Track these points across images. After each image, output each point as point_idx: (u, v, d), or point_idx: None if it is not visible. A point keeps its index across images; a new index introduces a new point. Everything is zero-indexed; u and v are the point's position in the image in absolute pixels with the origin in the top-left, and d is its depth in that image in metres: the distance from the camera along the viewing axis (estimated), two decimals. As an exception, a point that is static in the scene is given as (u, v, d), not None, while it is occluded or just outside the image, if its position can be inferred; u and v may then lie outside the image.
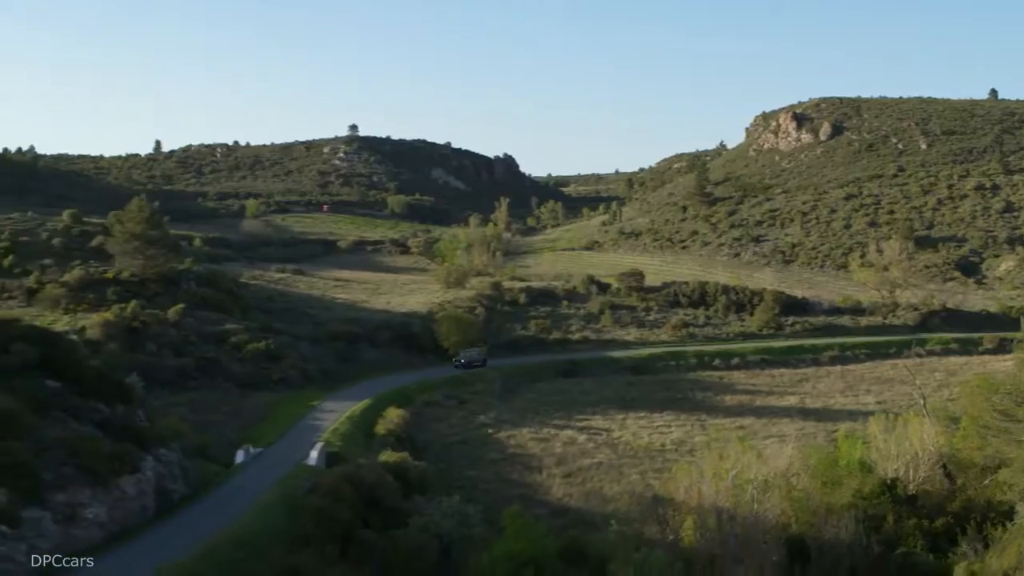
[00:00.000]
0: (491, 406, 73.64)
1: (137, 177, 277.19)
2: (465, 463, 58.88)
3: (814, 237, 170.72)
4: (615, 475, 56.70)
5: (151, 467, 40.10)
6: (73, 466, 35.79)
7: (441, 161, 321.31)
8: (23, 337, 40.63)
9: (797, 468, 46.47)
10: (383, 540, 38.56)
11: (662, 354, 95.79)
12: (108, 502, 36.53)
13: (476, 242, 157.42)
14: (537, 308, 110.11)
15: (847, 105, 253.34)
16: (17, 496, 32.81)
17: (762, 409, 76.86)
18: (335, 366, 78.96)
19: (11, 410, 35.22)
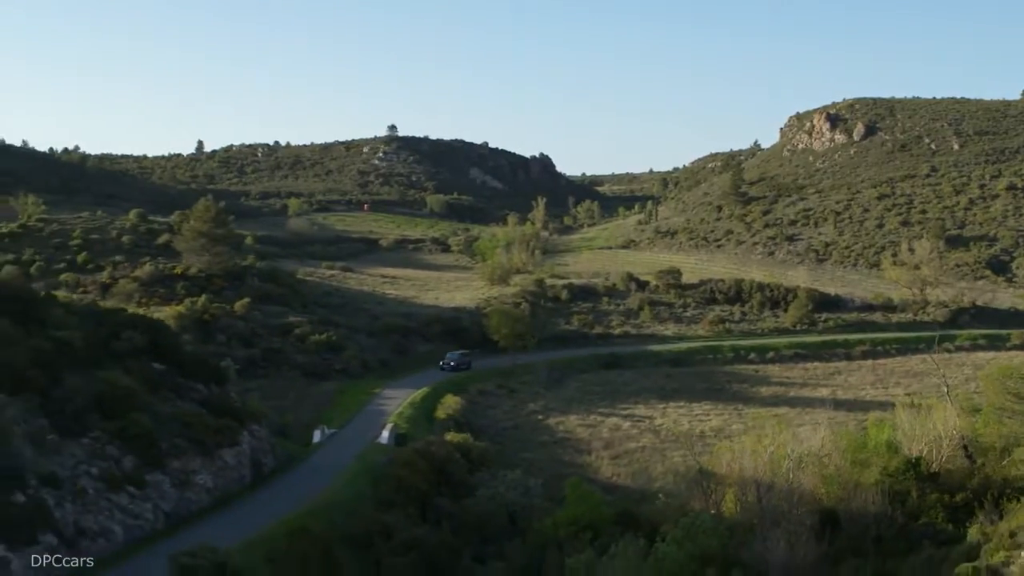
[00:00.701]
0: (539, 395, 78.20)
1: (180, 177, 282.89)
2: (519, 446, 63.44)
3: (847, 236, 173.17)
4: (659, 457, 61.04)
5: (247, 441, 45.05)
6: (184, 438, 40.82)
7: (478, 161, 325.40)
8: (131, 325, 45.55)
9: (829, 449, 50.48)
10: (456, 507, 43.21)
11: (699, 348, 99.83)
12: (213, 470, 41.53)
13: (516, 241, 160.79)
14: (578, 304, 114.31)
15: (881, 106, 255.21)
16: (142, 462, 37.86)
17: (796, 400, 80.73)
18: (391, 357, 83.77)
19: (131, 387, 40.17)
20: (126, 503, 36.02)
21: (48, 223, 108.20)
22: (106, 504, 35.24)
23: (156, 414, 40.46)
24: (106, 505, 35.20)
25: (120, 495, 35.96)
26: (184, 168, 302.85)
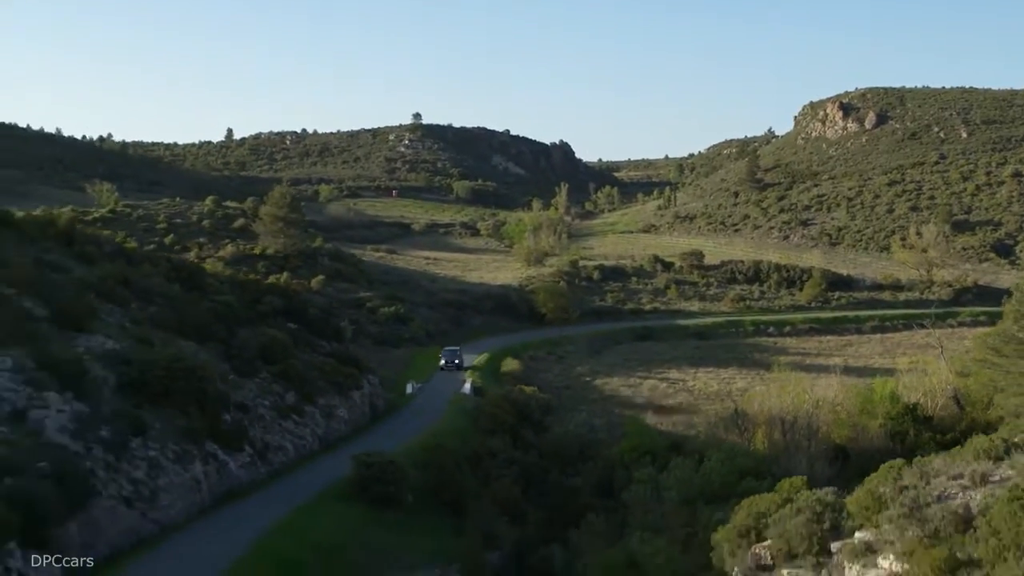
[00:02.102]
0: (584, 361, 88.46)
1: (212, 164, 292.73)
2: (573, 401, 73.57)
3: (859, 221, 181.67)
4: (694, 410, 71.06)
5: (366, 386, 55.42)
6: (325, 381, 51.12)
7: (500, 148, 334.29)
8: (269, 291, 55.98)
9: (841, 399, 60.81)
10: (537, 439, 53.60)
11: (723, 323, 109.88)
12: (347, 407, 51.99)
13: (543, 225, 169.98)
14: (609, 283, 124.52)
15: (892, 95, 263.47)
16: (299, 397, 48.25)
17: (811, 367, 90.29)
18: (450, 328, 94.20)
19: (284, 340, 50.48)
20: (292, 428, 46.43)
21: (134, 208, 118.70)
22: (279, 427, 45.60)
23: (302, 361, 50.85)
24: (279, 428, 45.56)
25: (287, 422, 46.34)
26: (215, 155, 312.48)
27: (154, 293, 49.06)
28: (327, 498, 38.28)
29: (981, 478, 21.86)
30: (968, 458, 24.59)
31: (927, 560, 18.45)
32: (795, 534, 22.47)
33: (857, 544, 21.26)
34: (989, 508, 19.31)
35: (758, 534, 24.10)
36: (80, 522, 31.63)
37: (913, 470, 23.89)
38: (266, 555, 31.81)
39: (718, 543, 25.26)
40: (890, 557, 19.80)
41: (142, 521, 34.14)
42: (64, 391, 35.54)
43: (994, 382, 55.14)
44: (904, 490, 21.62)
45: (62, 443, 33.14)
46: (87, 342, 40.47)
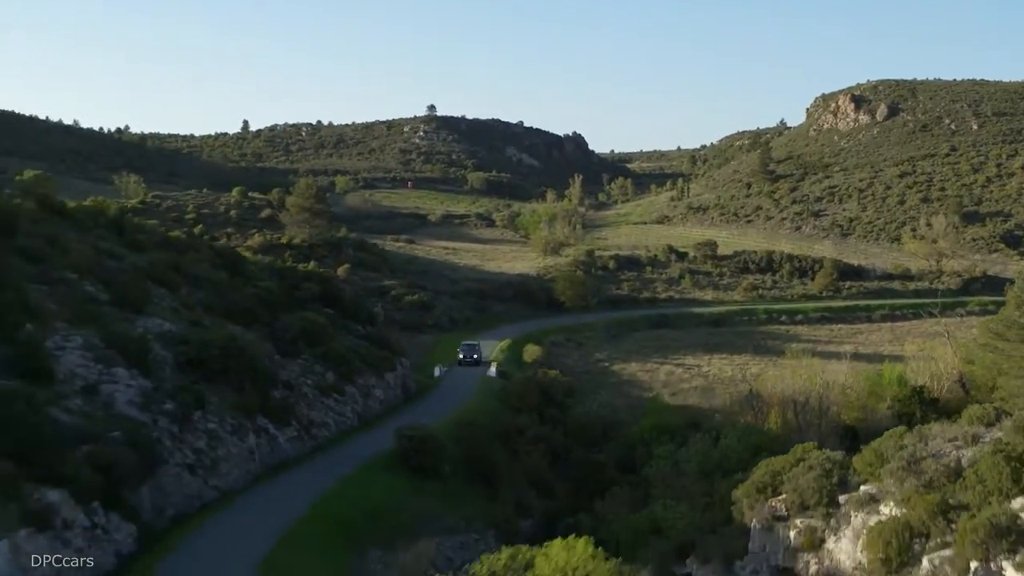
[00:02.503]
0: (602, 347, 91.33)
1: (229, 155, 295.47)
2: (593, 385, 76.46)
3: (870, 212, 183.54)
4: (709, 394, 73.80)
5: (399, 368, 58.43)
6: (362, 362, 54.11)
7: (514, 139, 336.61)
8: (307, 278, 58.94)
9: (851, 382, 63.60)
10: (561, 418, 56.56)
11: (736, 311, 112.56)
12: (382, 386, 55.03)
13: (558, 216, 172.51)
14: (625, 273, 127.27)
15: (903, 87, 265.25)
16: (339, 378, 51.23)
17: (822, 353, 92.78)
18: (472, 315, 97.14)
19: (324, 323, 53.47)
20: (333, 405, 49.47)
21: (163, 199, 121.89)
22: (321, 405, 48.64)
23: (340, 344, 53.85)
24: (321, 406, 48.61)
25: (329, 400, 49.39)
26: (232, 147, 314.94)
27: (201, 279, 52.17)
28: (372, 468, 41.33)
29: (972, 438, 24.64)
30: (963, 424, 27.37)
31: (922, 505, 21.27)
32: (807, 488, 25.31)
33: (862, 495, 24.09)
34: (977, 461, 22.12)
35: (774, 490, 26.94)
36: (151, 487, 34.74)
37: (913, 434, 26.64)
38: (322, 516, 34.84)
39: (738, 499, 28.10)
40: (890, 504, 22.63)
41: (204, 487, 37.25)
42: (130, 368, 38.57)
43: (997, 365, 57.76)
44: (903, 448, 24.42)
45: (131, 415, 36.27)
46: (145, 323, 43.54)
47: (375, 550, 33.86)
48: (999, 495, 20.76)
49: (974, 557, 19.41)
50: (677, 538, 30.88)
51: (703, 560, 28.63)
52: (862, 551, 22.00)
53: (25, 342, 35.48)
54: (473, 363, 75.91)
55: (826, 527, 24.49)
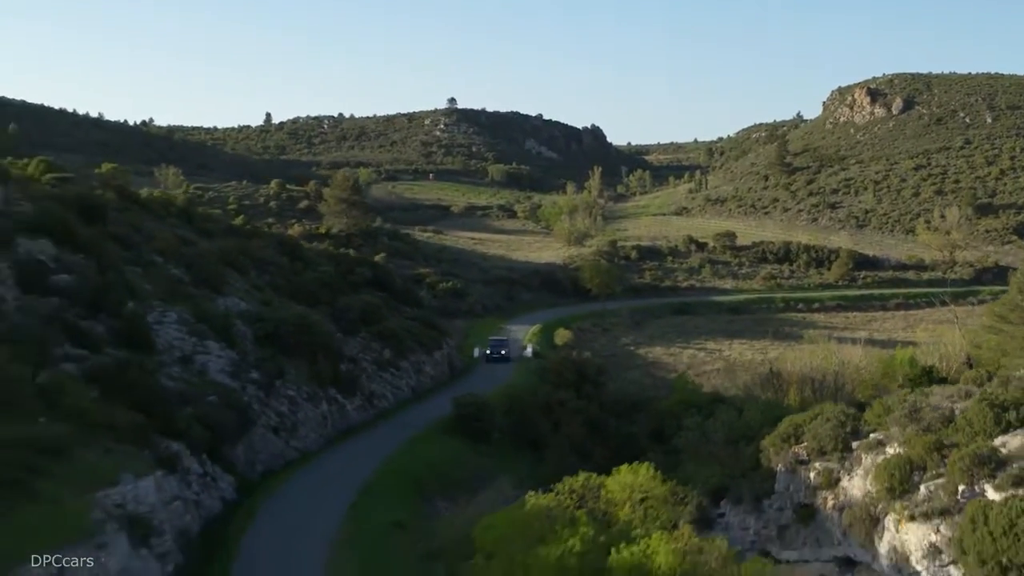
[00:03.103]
0: (627, 332, 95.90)
1: (252, 148, 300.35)
2: (620, 367, 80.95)
3: (885, 204, 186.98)
4: (731, 376, 78.12)
5: (445, 347, 63.11)
6: (413, 341, 58.75)
7: (533, 132, 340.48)
8: (359, 263, 63.61)
9: (864, 363, 67.85)
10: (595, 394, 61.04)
11: (755, 299, 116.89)
12: (431, 364, 59.72)
13: (579, 207, 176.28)
14: (646, 262, 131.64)
15: (918, 81, 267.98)
16: (394, 354, 55.90)
17: (838, 339, 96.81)
18: (502, 302, 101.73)
19: (378, 304, 58.17)
20: (390, 379, 54.19)
21: (205, 191, 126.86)
22: (380, 378, 53.37)
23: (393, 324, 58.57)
24: (380, 379, 53.34)
25: (386, 374, 54.10)
26: (255, 139, 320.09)
27: (267, 263, 56.98)
28: (432, 433, 46.15)
29: (966, 394, 29.11)
30: (960, 385, 31.86)
31: (920, 444, 25.76)
32: (825, 436, 29.83)
33: (871, 441, 28.61)
34: (967, 409, 26.62)
35: (796, 439, 31.46)
36: (244, 444, 39.58)
37: (916, 393, 31.12)
38: (394, 471, 39.59)
39: (765, 447, 32.66)
40: (894, 445, 27.14)
41: (286, 447, 42.09)
42: (219, 341, 43.35)
43: (1001, 346, 62.05)
44: (906, 401, 28.95)
45: (223, 382, 41.13)
46: (225, 302, 48.37)
47: (441, 500, 38.51)
48: (984, 435, 25.24)
49: (961, 482, 23.90)
50: (711, 485, 35.36)
51: (735, 501, 33.21)
52: (871, 483, 26.49)
53: (129, 317, 40.27)
54: (501, 359, 71.31)
55: (841, 468, 28.99)
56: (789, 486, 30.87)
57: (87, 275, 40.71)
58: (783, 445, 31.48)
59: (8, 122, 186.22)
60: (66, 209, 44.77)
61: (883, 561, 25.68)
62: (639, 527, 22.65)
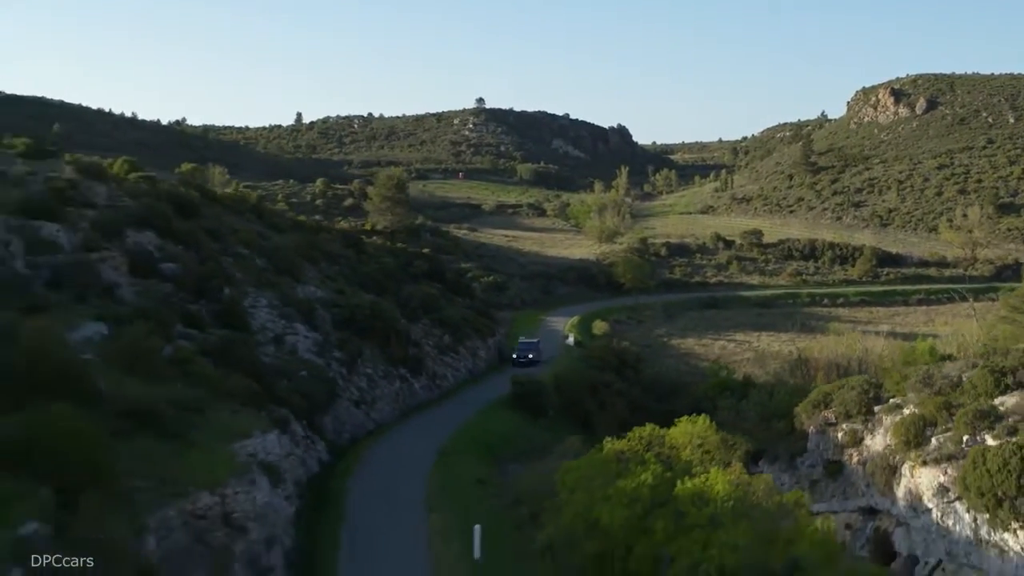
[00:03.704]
0: (660, 325, 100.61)
1: (284, 147, 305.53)
2: (655, 356, 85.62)
3: (909, 203, 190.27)
4: (761, 364, 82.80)
5: (496, 335, 68.06)
6: (469, 328, 63.74)
7: (560, 132, 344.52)
8: (418, 257, 68.59)
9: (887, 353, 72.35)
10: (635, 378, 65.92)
11: (781, 294, 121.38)
12: (485, 349, 64.68)
13: (608, 205, 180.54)
14: (676, 259, 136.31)
15: (942, 81, 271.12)
16: (454, 339, 60.95)
17: (862, 331, 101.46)
18: (540, 296, 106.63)
19: (436, 294, 63.19)
20: (450, 362, 59.26)
21: (254, 188, 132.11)
22: (441, 361, 58.45)
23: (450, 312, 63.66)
24: (441, 362, 58.42)
25: (447, 357, 59.16)
26: (286, 139, 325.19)
27: (335, 256, 62.05)
28: (494, 408, 51.27)
29: (972, 364, 33.84)
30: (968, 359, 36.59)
31: (932, 404, 30.54)
32: (851, 402, 34.64)
33: (890, 405, 33.42)
34: (972, 375, 31.39)
35: (826, 405, 36.27)
36: (331, 415, 44.65)
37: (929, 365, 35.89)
38: (466, 438, 44.69)
39: (798, 413, 37.49)
40: (910, 407, 31.92)
41: (366, 419, 47.17)
42: (305, 323, 48.45)
43: (1015, 335, 66.52)
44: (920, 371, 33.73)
45: (311, 360, 46.15)
46: (304, 290, 53.47)
47: (510, 464, 43.47)
48: (985, 395, 30.00)
49: (965, 433, 28.69)
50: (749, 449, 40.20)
51: (771, 460, 38.07)
52: (890, 439, 31.29)
53: (228, 302, 45.45)
54: (528, 363, 66.03)
55: (864, 429, 33.79)
56: (819, 445, 35.72)
57: (188, 264, 45.93)
58: (814, 411, 36.30)
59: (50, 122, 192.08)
60: (164, 205, 50.01)
61: (900, 504, 30.49)
62: (698, 466, 27.56)
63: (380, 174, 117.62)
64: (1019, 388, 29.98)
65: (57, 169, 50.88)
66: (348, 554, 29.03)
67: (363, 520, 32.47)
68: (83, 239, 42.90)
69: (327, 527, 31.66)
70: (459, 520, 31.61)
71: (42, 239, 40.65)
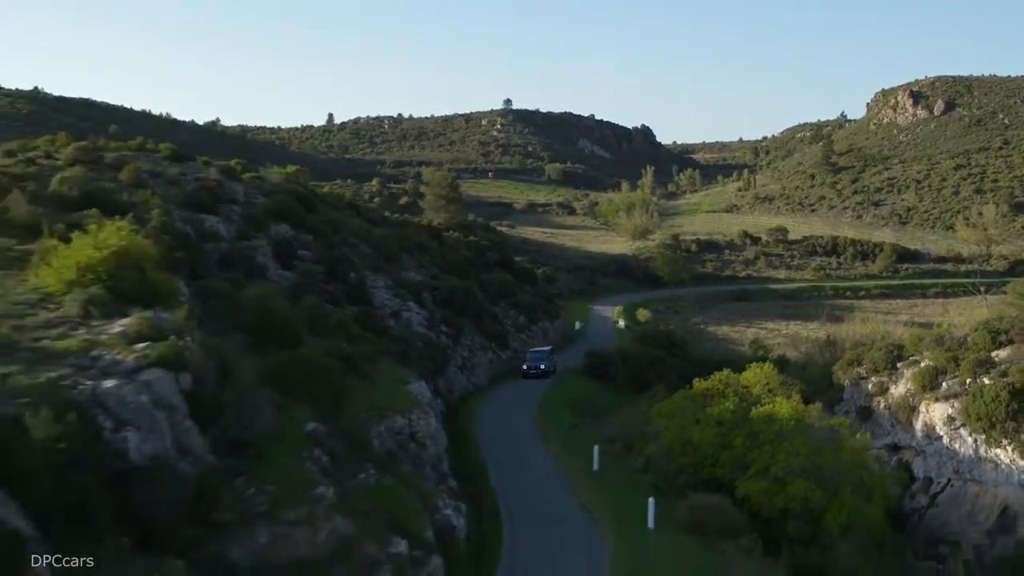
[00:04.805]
0: (696, 314, 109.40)
1: (318, 148, 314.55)
2: (695, 341, 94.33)
3: (927, 202, 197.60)
4: (794, 345, 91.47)
5: (561, 317, 77.03)
6: (539, 310, 72.72)
7: (585, 132, 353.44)
8: (489, 248, 77.51)
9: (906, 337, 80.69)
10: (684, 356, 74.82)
11: (806, 288, 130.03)
12: (552, 329, 73.59)
13: (637, 204, 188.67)
14: (706, 254, 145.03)
15: (959, 83, 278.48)
16: (527, 320, 69.86)
17: (883, 321, 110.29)
18: (585, 287, 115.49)
19: (511, 280, 72.16)
20: (525, 339, 68.29)
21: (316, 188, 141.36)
22: (518, 338, 67.46)
23: (522, 297, 72.75)
24: (519, 339, 67.41)
25: (523, 335, 68.24)
26: (318, 139, 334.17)
27: (424, 246, 71.13)
28: (570, 375, 60.36)
29: (975, 329, 42.72)
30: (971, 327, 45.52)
31: (943, 357, 39.41)
32: (879, 359, 43.53)
33: (910, 361, 42.30)
34: (975, 336, 40.30)
35: (858, 363, 45.18)
36: (444, 378, 53.69)
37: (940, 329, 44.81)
38: (554, 397, 53.75)
39: (835, 370, 46.38)
40: (925, 360, 40.81)
41: (467, 383, 56.23)
42: (415, 302, 57.49)
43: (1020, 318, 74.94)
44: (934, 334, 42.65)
45: (424, 333, 55.09)
46: (406, 274, 62.41)
47: (590, 418, 52.46)
48: (984, 349, 38.88)
49: (968, 377, 37.57)
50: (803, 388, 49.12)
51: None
52: (910, 385, 40.18)
53: (355, 283, 54.43)
54: (540, 375, 61.01)
55: (889, 380, 42.67)
56: (853, 395, 44.66)
57: (319, 251, 55.03)
58: (848, 367, 45.28)
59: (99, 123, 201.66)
60: (292, 201, 59.17)
61: (918, 435, 39.40)
62: (766, 398, 36.58)
63: (435, 174, 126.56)
64: (1010, 344, 38.86)
65: (200, 171, 60.09)
66: (495, 469, 38.04)
67: (496, 450, 41.50)
68: (237, 229, 52.08)
69: (470, 454, 40.70)
70: (571, 448, 40.67)
71: (206, 229, 49.74)
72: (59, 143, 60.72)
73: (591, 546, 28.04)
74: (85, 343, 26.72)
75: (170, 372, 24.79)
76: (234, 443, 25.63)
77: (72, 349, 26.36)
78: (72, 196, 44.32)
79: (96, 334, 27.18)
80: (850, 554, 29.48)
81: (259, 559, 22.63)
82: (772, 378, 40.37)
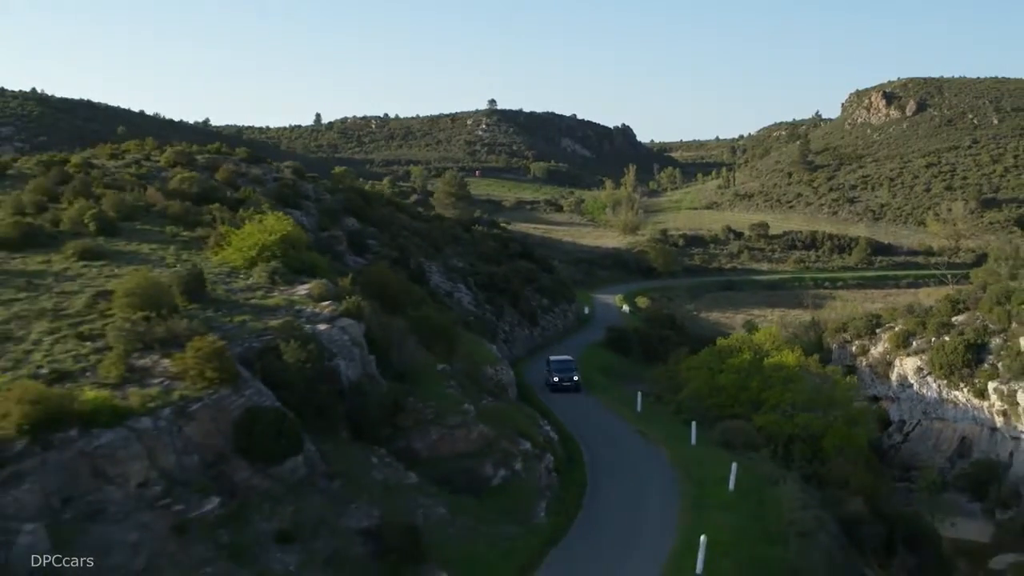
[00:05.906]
0: (687, 302, 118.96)
1: (307, 147, 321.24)
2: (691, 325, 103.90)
3: (899, 199, 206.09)
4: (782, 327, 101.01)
5: (575, 301, 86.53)
6: (559, 295, 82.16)
7: (567, 131, 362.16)
8: (512, 239, 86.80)
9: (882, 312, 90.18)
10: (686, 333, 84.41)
11: (788, 279, 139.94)
12: (564, 314, 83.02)
13: (622, 201, 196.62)
14: (692, 248, 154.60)
15: (931, 84, 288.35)
16: (550, 302, 79.29)
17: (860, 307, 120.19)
18: (584, 278, 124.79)
19: (532, 268, 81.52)
20: (550, 319, 77.69)
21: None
22: (544, 318, 76.83)
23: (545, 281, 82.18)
24: (544, 318, 76.80)
25: (547, 315, 77.58)
26: (307, 138, 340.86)
27: (458, 237, 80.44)
28: (593, 348, 69.91)
29: (938, 301, 52.47)
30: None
31: (912, 322, 49.09)
32: (860, 327, 53.27)
33: (886, 327, 51.98)
34: (938, 305, 50.02)
35: (844, 330, 54.91)
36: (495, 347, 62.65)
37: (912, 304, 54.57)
38: (586, 364, 62.96)
39: (824, 337, 56.07)
40: (899, 325, 50.50)
41: (509, 354, 65.44)
42: (462, 284, 66.78)
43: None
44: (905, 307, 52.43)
45: (473, 311, 64.36)
46: (447, 260, 71.65)
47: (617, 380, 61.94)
48: (946, 315, 48.60)
49: (933, 336, 47.26)
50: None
51: (807, 369, 56.64)
52: (886, 345, 49.86)
53: (415, 268, 63.65)
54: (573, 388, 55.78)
55: (870, 343, 52.38)
56: (840, 356, 54.43)
57: (384, 241, 64.22)
58: (836, 334, 55.05)
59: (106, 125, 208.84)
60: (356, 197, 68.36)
61: (893, 385, 49.10)
62: (774, 352, 46.32)
63: (444, 173, 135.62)
64: (966, 311, 48.63)
65: (277, 171, 69.19)
66: (558, 410, 47.37)
67: (552, 398, 50.89)
68: (316, 222, 61.23)
69: (533, 401, 50.09)
70: (615, 397, 50.20)
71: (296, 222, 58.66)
72: (148, 147, 69.75)
73: (651, 454, 37.57)
74: (285, 300, 36.78)
75: (355, 321, 34.50)
76: (399, 374, 35.35)
77: (281, 304, 36.44)
78: (193, 192, 53.77)
79: (289, 295, 37.14)
80: (842, 465, 39.02)
81: (432, 451, 32.38)
82: (778, 337, 50.10)
